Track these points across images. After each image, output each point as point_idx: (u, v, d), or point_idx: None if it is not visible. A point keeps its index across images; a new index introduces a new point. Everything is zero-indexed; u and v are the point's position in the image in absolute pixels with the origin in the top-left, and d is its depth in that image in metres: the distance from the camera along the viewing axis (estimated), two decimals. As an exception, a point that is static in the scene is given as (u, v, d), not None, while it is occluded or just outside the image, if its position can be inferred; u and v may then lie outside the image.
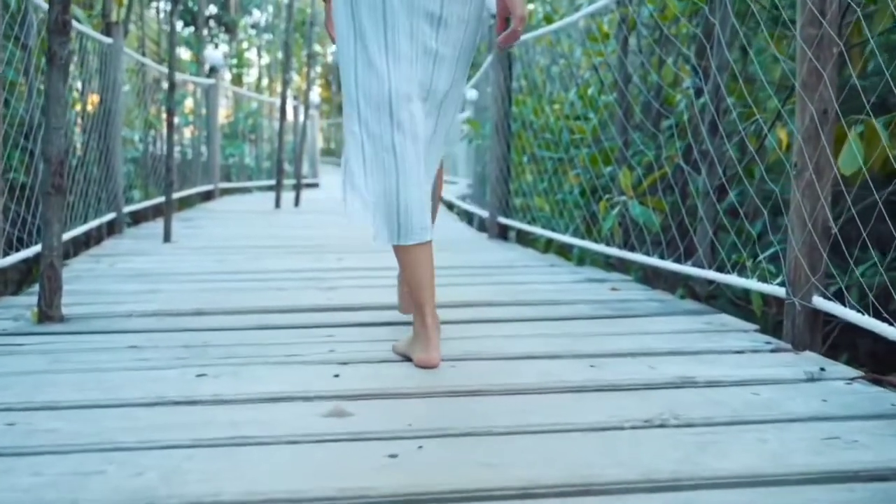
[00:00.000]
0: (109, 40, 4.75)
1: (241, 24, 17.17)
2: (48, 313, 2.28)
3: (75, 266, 3.53)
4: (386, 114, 1.74)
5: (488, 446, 1.31)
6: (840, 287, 1.94)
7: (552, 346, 1.96)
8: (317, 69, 18.76)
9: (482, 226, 6.54)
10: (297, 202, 7.62)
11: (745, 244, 2.64)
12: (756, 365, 1.81)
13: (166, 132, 4.43)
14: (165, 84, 7.17)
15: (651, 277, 3.90)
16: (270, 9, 17.90)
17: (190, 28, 13.62)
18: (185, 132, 8.38)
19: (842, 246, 1.89)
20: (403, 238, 1.78)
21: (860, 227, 1.85)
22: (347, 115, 1.81)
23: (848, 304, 1.84)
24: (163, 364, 1.80)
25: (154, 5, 10.04)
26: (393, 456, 1.25)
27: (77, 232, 3.95)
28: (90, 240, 4.70)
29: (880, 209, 1.79)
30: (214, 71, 8.31)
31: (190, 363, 1.80)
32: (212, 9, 16.09)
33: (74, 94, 4.62)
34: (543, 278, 3.14)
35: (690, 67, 2.98)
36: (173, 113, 4.42)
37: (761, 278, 2.24)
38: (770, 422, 1.42)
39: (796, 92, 1.95)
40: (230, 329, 2.20)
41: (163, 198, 6.72)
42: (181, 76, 8.02)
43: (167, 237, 4.43)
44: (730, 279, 2.33)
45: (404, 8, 1.72)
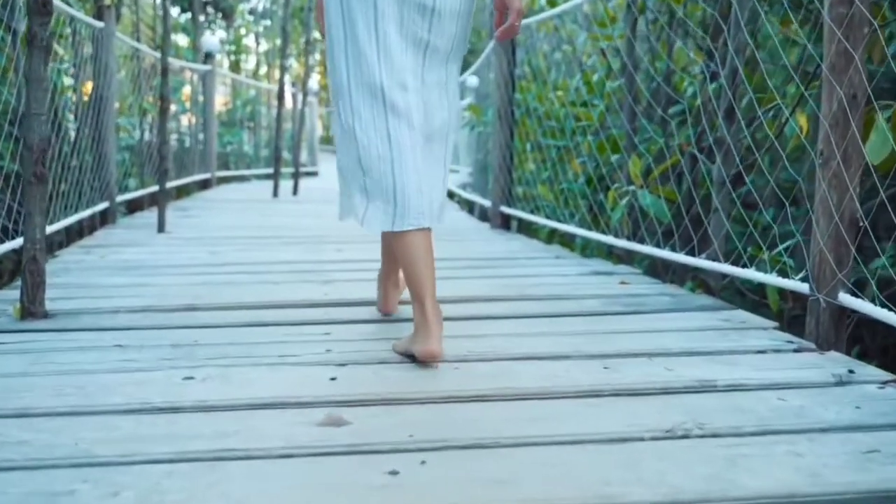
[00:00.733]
0: (101, 24, 4.62)
1: (239, 10, 16.97)
2: (31, 309, 2.16)
3: (65, 257, 3.42)
4: (379, 100, 1.72)
5: (497, 460, 1.20)
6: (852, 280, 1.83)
7: (561, 346, 1.85)
8: (315, 56, 18.57)
9: (483, 215, 6.43)
10: (296, 191, 7.50)
11: (760, 236, 2.53)
12: (780, 366, 1.70)
13: (159, 119, 4.30)
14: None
15: (658, 269, 3.79)
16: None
17: (187, 14, 13.45)
18: (183, 120, 8.24)
19: (871, 239, 1.77)
20: (399, 223, 1.73)
21: (884, 218, 1.74)
22: (338, 108, 1.78)
23: (878, 302, 1.73)
24: (148, 365, 1.69)
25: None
26: (394, 473, 1.14)
27: (67, 222, 3.83)
28: (84, 230, 4.59)
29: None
30: (210, 57, 8.16)
31: (177, 364, 1.69)
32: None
33: (67, 80, 4.50)
34: (549, 271, 3.02)
35: (704, 50, 2.86)
36: (167, 99, 4.30)
37: (781, 273, 2.13)
38: (802, 432, 1.31)
39: (823, 75, 1.83)
40: (221, 326, 2.09)
41: (170, 184, 6.64)
42: (177, 62, 7.89)
43: (161, 227, 4.31)
44: (748, 273, 2.22)
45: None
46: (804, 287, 1.96)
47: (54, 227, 3.62)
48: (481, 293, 2.50)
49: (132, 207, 6.01)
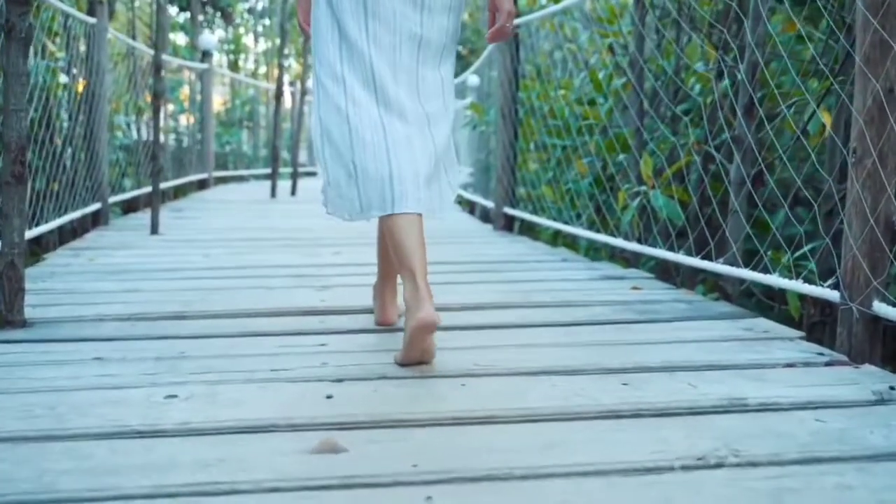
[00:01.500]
0: (93, 20, 4.49)
1: (238, 10, 16.82)
2: (8, 318, 2.03)
3: (52, 261, 3.29)
4: (371, 92, 1.72)
5: (511, 496, 1.07)
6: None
7: (575, 359, 1.72)
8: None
9: (485, 216, 6.30)
10: (294, 191, 7.37)
11: (776, 239, 2.40)
12: (813, 382, 1.57)
13: (153, 118, 4.17)
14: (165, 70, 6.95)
15: (667, 272, 3.66)
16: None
17: (186, 14, 13.32)
18: (182, 120, 8.12)
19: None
20: (395, 205, 1.68)
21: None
22: (321, 94, 1.77)
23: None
24: (129, 381, 1.56)
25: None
26: (395, 512, 1.01)
27: (54, 224, 3.69)
28: (77, 231, 4.46)
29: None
30: (208, 55, 8.03)
31: (160, 380, 1.56)
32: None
33: (62, 78, 4.37)
34: (557, 275, 2.89)
35: (721, 45, 2.73)
36: (160, 97, 4.16)
37: (804, 278, 2.00)
38: (849, 459, 1.18)
39: (856, 68, 1.70)
40: (210, 336, 1.95)
41: (165, 185, 6.51)
42: (175, 60, 7.76)
43: (154, 229, 4.18)
44: (771, 280, 2.09)
45: None
46: (834, 295, 1.83)
47: (41, 230, 3.49)
48: (487, 300, 2.37)
49: (128, 208, 5.89)
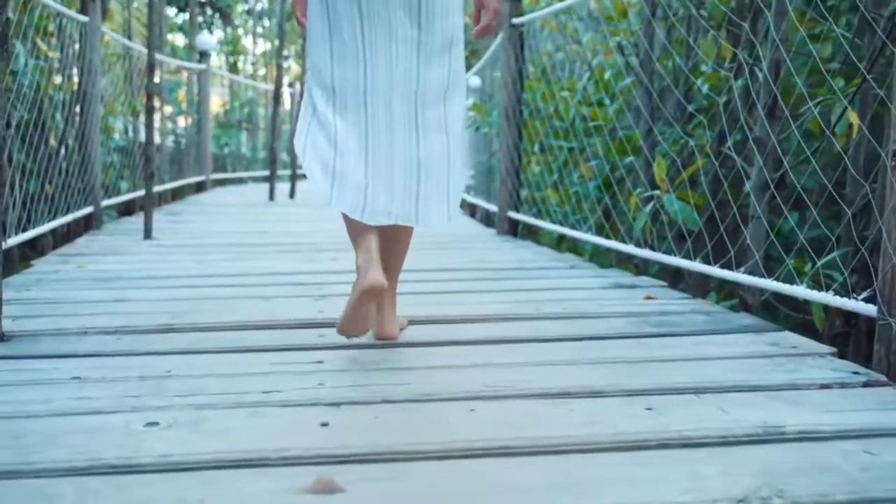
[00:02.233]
0: (85, 18, 4.36)
1: (238, 11, 16.70)
2: (-16, 332, 1.90)
3: (40, 267, 3.16)
4: (361, 103, 1.71)
5: (532, 547, 0.94)
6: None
7: (593, 379, 1.59)
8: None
9: (488, 220, 6.17)
10: (293, 194, 7.24)
11: (797, 247, 2.27)
12: (854, 406, 1.44)
13: (146, 118, 4.04)
14: (157, 71, 6.82)
15: (675, 278, 3.53)
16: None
17: (185, 14, 13.19)
18: (180, 121, 7.99)
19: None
20: (364, 214, 1.72)
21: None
22: (316, 98, 1.78)
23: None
24: (107, 405, 1.43)
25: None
26: (400, 570, 0.88)
27: (41, 231, 3.55)
28: (71, 234, 4.33)
29: None
30: (205, 56, 7.90)
31: (142, 404, 1.43)
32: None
33: (58, 80, 4.25)
34: (566, 283, 2.76)
35: (742, 42, 2.60)
36: (153, 97, 4.04)
37: (829, 288, 1.87)
38: (909, 502, 1.05)
39: (897, 65, 1.57)
40: (200, 352, 1.82)
41: (160, 188, 6.37)
42: (172, 60, 7.64)
43: (147, 233, 4.05)
44: (799, 291, 1.96)
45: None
46: (870, 309, 1.70)
47: (27, 235, 3.36)
48: (494, 311, 2.24)
49: (125, 210, 5.76)
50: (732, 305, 2.92)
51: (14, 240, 3.20)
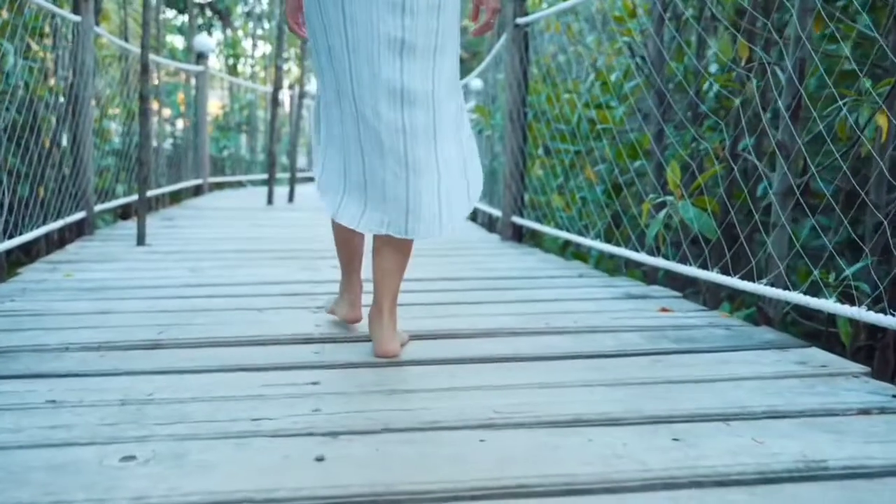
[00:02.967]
0: (77, 18, 4.24)
1: (237, 13, 16.58)
2: (-43, 349, 1.78)
3: (27, 276, 3.03)
4: (351, 108, 1.70)
5: None
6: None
7: (611, 404, 1.46)
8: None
9: (490, 224, 6.05)
10: (292, 198, 7.11)
11: (817, 256, 2.15)
12: (899, 436, 1.32)
13: (140, 121, 3.92)
14: (154, 72, 6.71)
15: (682, 285, 3.41)
16: (267, -5, 17.32)
17: (184, 17, 13.07)
18: (179, 124, 7.87)
19: None
20: (362, 226, 1.76)
21: None
22: (321, 116, 1.81)
23: None
24: (82, 434, 1.30)
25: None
26: None
27: (27, 238, 3.42)
28: (65, 240, 4.21)
29: None
30: (203, 57, 7.78)
31: (119, 434, 1.31)
32: (207, -5, 15.51)
33: (52, 83, 4.13)
34: (575, 293, 2.64)
35: (758, 39, 2.47)
36: (148, 99, 3.91)
37: (854, 300, 1.75)
38: (981, 556, 0.93)
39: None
40: (186, 371, 1.70)
41: (156, 190, 6.27)
42: (171, 63, 7.51)
43: (140, 240, 3.93)
44: (827, 306, 1.83)
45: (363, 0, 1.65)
46: (909, 326, 1.57)
47: (13, 243, 3.23)
48: (501, 325, 2.12)
49: (123, 214, 5.64)
50: (747, 316, 2.81)
51: (4, 245, 3.08)
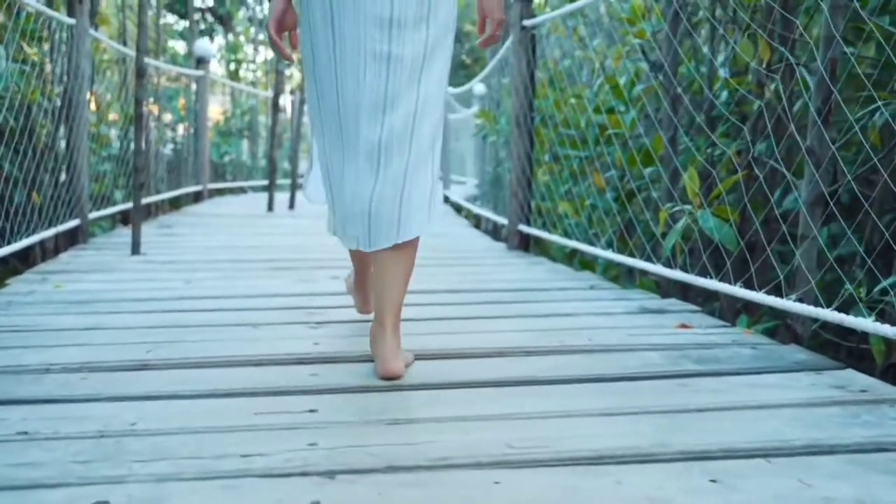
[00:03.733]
0: (71, 21, 4.12)
1: (239, 18, 16.49)
2: (-73, 371, 1.65)
3: (15, 287, 2.91)
4: (336, 124, 1.71)
5: None
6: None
7: (637, 438, 1.33)
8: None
9: (495, 232, 5.92)
10: (292, 204, 6.99)
11: (851, 272, 2.01)
12: (961, 476, 1.18)
13: (135, 126, 3.80)
14: (154, 77, 6.60)
15: (685, 294, 3.26)
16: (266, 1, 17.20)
17: (185, 21, 12.97)
18: (180, 129, 7.76)
19: None
20: (341, 239, 1.79)
21: None
22: (313, 132, 1.81)
23: None
24: (51, 474, 1.17)
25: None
26: None
27: (17, 247, 3.30)
28: (59, 248, 4.08)
29: None
30: (203, 62, 7.66)
31: (93, 473, 1.17)
32: (208, 1, 15.44)
33: (46, 86, 4.01)
34: (588, 307, 2.50)
35: (789, 41, 2.34)
36: (142, 103, 3.79)
37: (881, 316, 1.62)
38: None
39: None
40: (173, 397, 1.57)
41: (155, 197, 6.16)
42: (173, 67, 7.41)
43: (135, 249, 3.80)
44: (864, 325, 1.70)
45: (350, 12, 1.64)
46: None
47: (5, 251, 3.11)
48: (511, 343, 1.99)
49: (124, 220, 5.51)
50: (766, 330, 2.68)
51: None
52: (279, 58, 1.80)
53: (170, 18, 14.72)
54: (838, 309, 1.84)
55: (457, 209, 7.54)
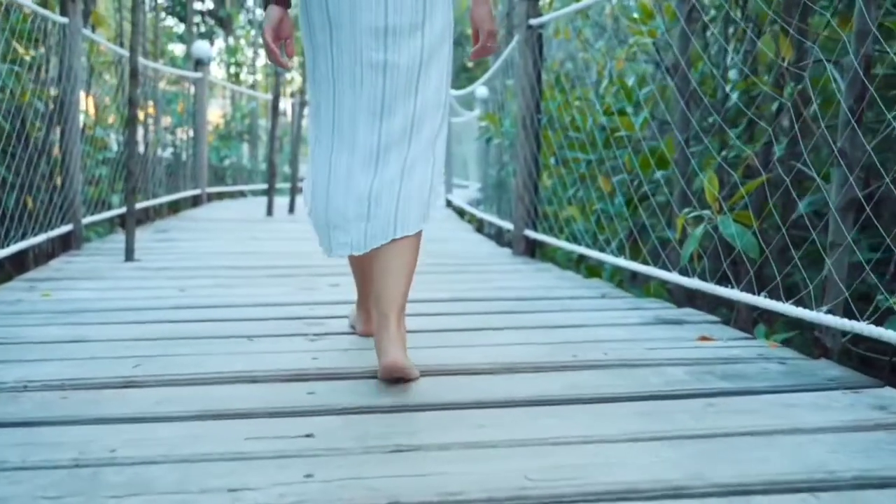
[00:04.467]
0: (64, 20, 4.00)
1: (239, 21, 16.39)
2: None
3: (0, 296, 2.78)
4: (330, 130, 1.73)
5: None
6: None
7: (669, 468, 1.20)
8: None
9: (498, 237, 5.80)
10: (292, 208, 6.86)
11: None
12: None
13: (128, 128, 3.68)
14: (152, 80, 6.48)
15: (690, 300, 3.13)
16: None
17: (185, 24, 12.87)
18: (180, 133, 7.65)
19: None
20: (327, 251, 1.78)
21: None
22: (311, 139, 1.81)
23: None
24: (17, 511, 1.05)
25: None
26: None
27: (4, 253, 3.17)
28: (55, 254, 3.96)
29: None
30: (202, 64, 7.55)
31: (63, 511, 1.05)
32: (208, 3, 15.34)
33: (51, 91, 3.90)
34: (601, 318, 2.38)
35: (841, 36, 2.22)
36: (136, 105, 3.67)
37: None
38: None
39: None
40: (159, 419, 1.45)
41: (152, 201, 6.05)
42: (168, 69, 7.30)
43: (129, 255, 3.68)
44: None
45: (347, 23, 1.67)
46: None
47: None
48: (523, 357, 1.86)
49: (123, 223, 5.40)
50: (785, 340, 2.55)
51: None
52: (275, 65, 1.76)
53: (169, 21, 14.63)
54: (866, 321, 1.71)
55: (459, 213, 7.42)
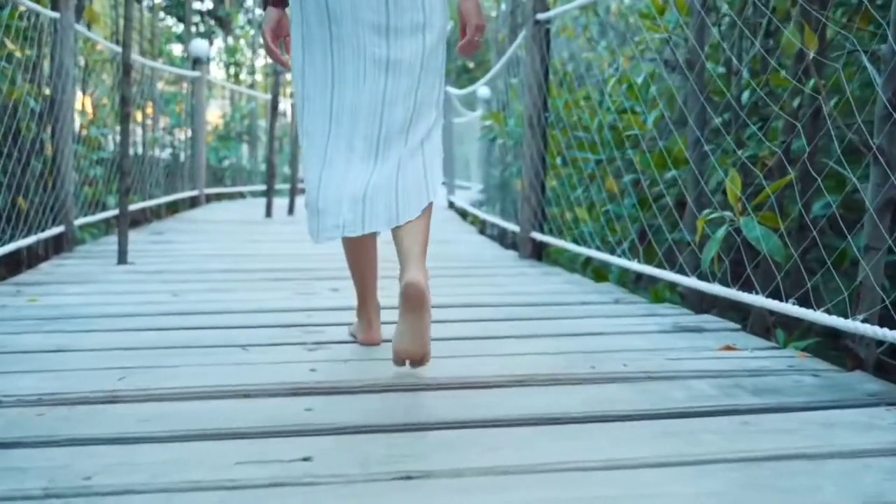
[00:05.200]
0: (55, 15, 3.88)
1: (238, 21, 16.26)
2: None
3: (-15, 300, 2.66)
4: (327, 124, 1.71)
5: None
6: None
7: (707, 500, 1.08)
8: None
9: (503, 239, 5.67)
10: (292, 210, 6.73)
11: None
12: None
13: (121, 127, 3.55)
14: (149, 79, 6.36)
15: (700, 304, 3.00)
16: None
17: (183, 24, 12.74)
18: (179, 134, 7.53)
19: None
20: (314, 235, 1.74)
21: None
22: (302, 132, 1.78)
23: None
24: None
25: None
26: None
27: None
28: (49, 255, 3.84)
29: None
30: (199, 63, 7.43)
31: (25, 552, 0.92)
32: (207, 3, 15.22)
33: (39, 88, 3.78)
34: (616, 325, 2.25)
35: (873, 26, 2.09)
36: (129, 102, 3.54)
37: None
38: None
39: None
40: (142, 440, 1.32)
41: (149, 202, 5.93)
42: (165, 67, 7.18)
43: (122, 257, 3.55)
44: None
45: (349, 19, 1.67)
46: None
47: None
48: (538, 368, 1.73)
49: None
50: (806, 348, 2.43)
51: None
52: (276, 64, 1.67)
53: (168, 21, 14.51)
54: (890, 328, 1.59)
55: (462, 215, 7.29)
